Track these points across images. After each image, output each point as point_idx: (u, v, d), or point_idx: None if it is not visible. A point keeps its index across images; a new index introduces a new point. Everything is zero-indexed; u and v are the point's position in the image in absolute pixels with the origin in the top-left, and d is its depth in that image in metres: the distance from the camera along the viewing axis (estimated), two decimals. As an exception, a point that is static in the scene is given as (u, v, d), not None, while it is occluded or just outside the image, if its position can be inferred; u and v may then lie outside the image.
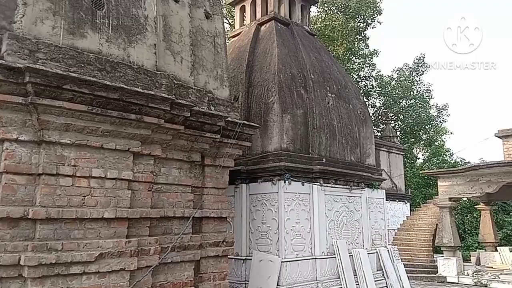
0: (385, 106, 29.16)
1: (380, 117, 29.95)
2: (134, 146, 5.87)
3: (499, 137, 16.23)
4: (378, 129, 29.79)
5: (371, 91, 30.12)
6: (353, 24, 18.87)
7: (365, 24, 19.95)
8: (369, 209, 11.62)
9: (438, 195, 16.80)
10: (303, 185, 9.90)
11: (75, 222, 5.25)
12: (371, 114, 30.86)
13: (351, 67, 27.41)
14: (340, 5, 18.64)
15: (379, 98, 30.42)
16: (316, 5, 20.16)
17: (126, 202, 5.74)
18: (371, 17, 19.79)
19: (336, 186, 10.58)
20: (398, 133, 29.79)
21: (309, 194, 9.99)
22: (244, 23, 13.14)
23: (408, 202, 24.23)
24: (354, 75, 29.14)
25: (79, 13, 5.67)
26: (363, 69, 29.72)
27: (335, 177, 10.56)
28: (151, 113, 5.85)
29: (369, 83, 30.12)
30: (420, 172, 21.09)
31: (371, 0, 18.78)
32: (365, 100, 30.84)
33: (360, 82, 30.01)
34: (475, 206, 20.24)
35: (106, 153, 5.64)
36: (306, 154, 10.27)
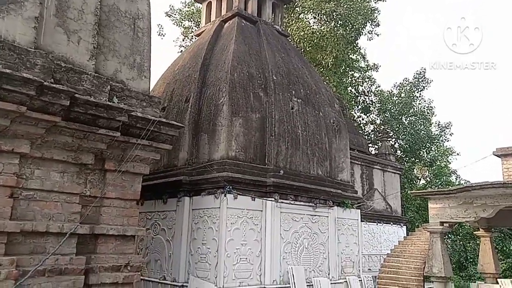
0: (384, 122, 27.63)
1: (379, 134, 28.42)
2: (-16, 140, 4.58)
3: (497, 155, 14.56)
4: (376, 146, 28.20)
5: (370, 107, 28.66)
6: (342, 32, 17.58)
7: (355, 32, 18.64)
8: (339, 231, 10.12)
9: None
10: (254, 200, 8.49)
11: None
12: (369, 131, 29.35)
13: (348, 81, 26.07)
14: (329, 11, 17.40)
15: (379, 114, 28.92)
16: (305, 12, 19.01)
17: (-33, 211, 4.42)
18: (362, 25, 18.46)
19: (296, 203, 9.14)
20: (399, 151, 28.16)
21: (261, 211, 8.57)
22: (211, 21, 11.97)
23: (404, 225, 22.43)
24: (353, 90, 27.80)
25: None
26: (361, 84, 28.36)
27: (295, 192, 9.13)
28: (8, 98, 4.57)
29: (368, 99, 28.69)
30: (409, 192, 19.41)
31: (361, 7, 17.47)
32: (364, 116, 29.41)
33: (359, 97, 28.63)
34: (474, 233, 18.45)
35: None
36: (260, 165, 8.89)
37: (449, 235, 25.08)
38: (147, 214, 9.50)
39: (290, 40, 17.40)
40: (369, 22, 19.14)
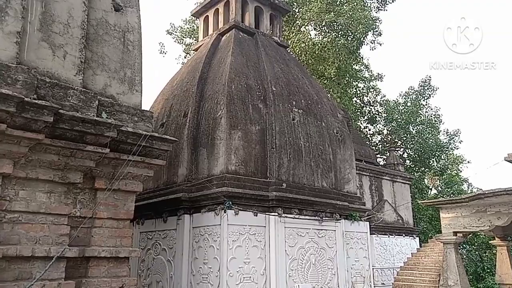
0: (391, 132, 27.21)
1: (387, 144, 28.00)
2: (-37, 160, 4.35)
3: (509, 161, 14.10)
4: (385, 157, 27.76)
5: (376, 117, 28.31)
6: (343, 42, 17.38)
7: (357, 42, 18.43)
8: (347, 245, 9.71)
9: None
10: (256, 215, 8.15)
11: None
12: (377, 142, 28.93)
13: (353, 92, 25.80)
14: (329, 22, 17.24)
15: (386, 124, 28.53)
16: (305, 23, 18.87)
17: None
18: (363, 34, 18.26)
19: (300, 217, 8.78)
20: (408, 161, 27.65)
21: (264, 226, 8.22)
22: (208, 35, 11.82)
23: (417, 236, 21.82)
24: (358, 101, 27.55)
25: None
26: (366, 94, 28.08)
27: (300, 206, 8.78)
28: (-14, 116, 4.35)
29: (374, 109, 28.36)
30: (420, 202, 18.88)
31: (362, 16, 17.28)
32: (371, 127, 29.05)
33: (365, 108, 28.33)
34: (490, 242, 17.84)
35: None
36: (262, 178, 8.58)
37: (464, 245, 24.38)
38: (148, 233, 9.20)
39: (290, 51, 17.25)
40: (370, 32, 18.94)
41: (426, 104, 26.30)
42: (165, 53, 21.52)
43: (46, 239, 4.97)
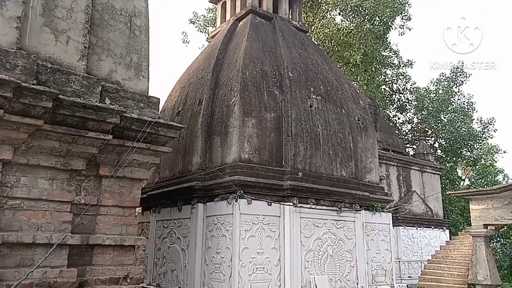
0: (421, 121, 26.29)
1: (417, 133, 27.10)
2: (-39, 146, 4.32)
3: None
4: (414, 147, 26.96)
5: (406, 105, 27.41)
6: (369, 26, 16.74)
7: (384, 26, 17.72)
8: (368, 236, 9.36)
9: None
10: (270, 205, 7.94)
11: None
12: (406, 131, 28.05)
13: (381, 79, 25.00)
14: (354, 6, 16.65)
15: (416, 113, 27.57)
16: (329, 9, 18.31)
17: None
18: (391, 19, 17.53)
19: (317, 207, 8.50)
20: (439, 151, 26.68)
21: (279, 216, 8.00)
22: (226, 21, 11.59)
23: (447, 229, 21.09)
24: (386, 88, 26.74)
25: None
26: (396, 82, 27.19)
27: (316, 195, 8.50)
28: (-17, 101, 4.30)
29: (404, 97, 27.45)
30: (448, 193, 18.13)
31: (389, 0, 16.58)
32: (400, 115, 28.18)
33: (394, 96, 27.47)
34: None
35: None
36: (276, 167, 8.34)
37: (498, 239, 23.40)
38: (164, 222, 9.15)
39: (314, 37, 16.80)
40: (399, 16, 18.19)
41: (458, 92, 25.28)
42: (188, 43, 21.48)
43: (48, 226, 4.91)
